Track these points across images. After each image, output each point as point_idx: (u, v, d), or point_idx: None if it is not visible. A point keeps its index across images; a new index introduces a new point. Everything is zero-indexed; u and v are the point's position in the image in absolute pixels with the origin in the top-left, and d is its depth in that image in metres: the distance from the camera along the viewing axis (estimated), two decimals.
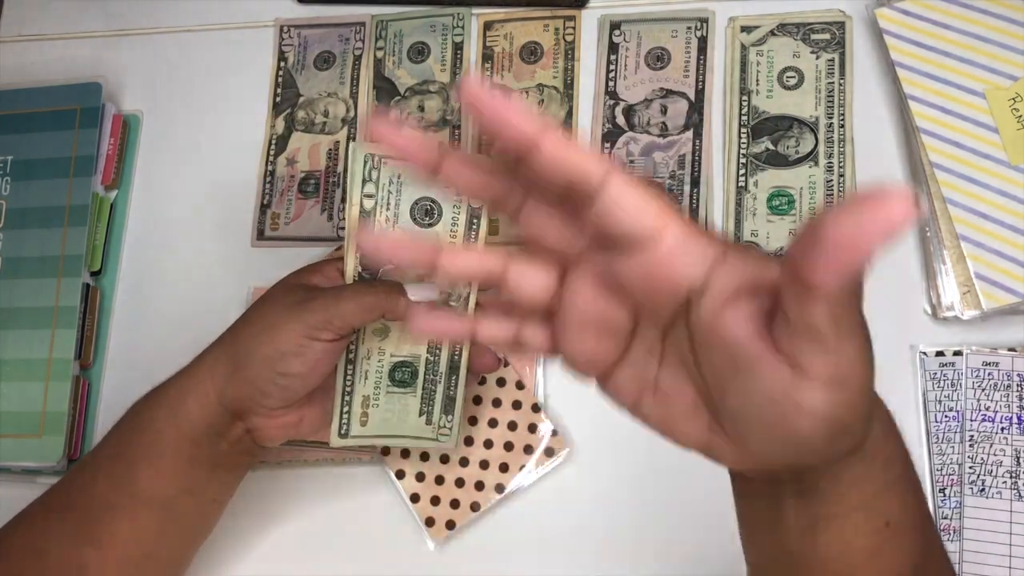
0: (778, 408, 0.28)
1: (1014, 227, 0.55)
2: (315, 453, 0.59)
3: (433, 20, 0.68)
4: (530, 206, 0.33)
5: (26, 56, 0.73)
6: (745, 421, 0.30)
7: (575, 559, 0.56)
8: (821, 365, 0.27)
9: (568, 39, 0.66)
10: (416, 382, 0.52)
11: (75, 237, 0.64)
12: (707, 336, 0.30)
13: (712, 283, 0.29)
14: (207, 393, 0.48)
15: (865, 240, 0.24)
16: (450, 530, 0.57)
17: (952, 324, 0.56)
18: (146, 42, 0.72)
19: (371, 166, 0.49)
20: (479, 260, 0.34)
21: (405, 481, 0.58)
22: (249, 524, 0.59)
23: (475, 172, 0.33)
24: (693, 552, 0.55)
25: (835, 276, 0.25)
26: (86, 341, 0.64)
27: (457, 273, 0.34)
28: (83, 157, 0.66)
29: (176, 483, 0.48)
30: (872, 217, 0.23)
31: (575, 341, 0.33)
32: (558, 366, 0.60)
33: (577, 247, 0.32)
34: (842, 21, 0.62)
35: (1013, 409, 0.53)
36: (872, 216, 0.23)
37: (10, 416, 0.62)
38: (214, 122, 0.69)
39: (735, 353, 0.29)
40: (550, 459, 0.58)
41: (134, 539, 0.48)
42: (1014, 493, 0.52)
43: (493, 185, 0.33)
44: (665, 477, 0.57)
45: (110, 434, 0.50)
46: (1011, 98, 0.58)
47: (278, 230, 0.66)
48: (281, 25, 0.71)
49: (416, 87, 0.67)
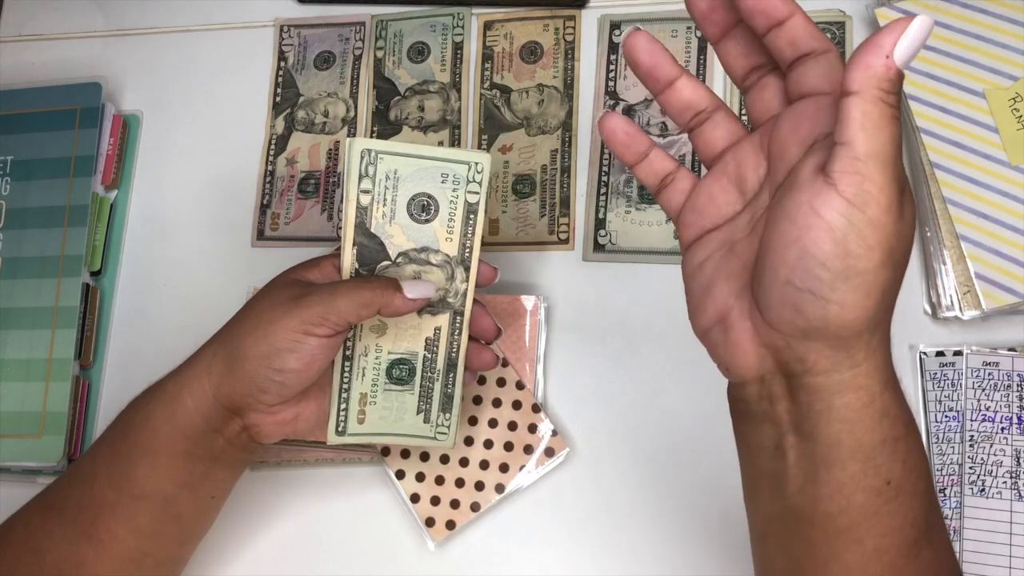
0: (800, 222, 0.33)
1: (1014, 227, 0.55)
2: (315, 453, 0.59)
3: (433, 20, 0.68)
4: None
5: (26, 56, 0.73)
6: (768, 255, 0.34)
7: (575, 559, 0.56)
8: (848, 177, 0.32)
9: (568, 39, 0.66)
10: (414, 380, 0.52)
11: (75, 237, 0.64)
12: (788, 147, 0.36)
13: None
14: (203, 390, 0.48)
15: (880, 44, 0.31)
16: (450, 530, 0.57)
17: (952, 324, 0.56)
18: (146, 42, 0.72)
19: (367, 161, 0.49)
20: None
21: (405, 481, 0.58)
22: (249, 524, 0.59)
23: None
24: (693, 552, 0.55)
25: (861, 70, 0.31)
26: (86, 341, 0.64)
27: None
28: (83, 157, 0.66)
29: (173, 480, 0.48)
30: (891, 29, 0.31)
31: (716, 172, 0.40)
32: (558, 367, 0.60)
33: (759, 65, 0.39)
34: (842, 21, 0.62)
35: (1013, 409, 0.53)
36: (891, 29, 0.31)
37: (10, 416, 0.62)
38: (214, 122, 0.69)
39: (798, 173, 0.34)
40: (550, 459, 0.58)
41: (132, 536, 0.48)
42: (1014, 493, 0.52)
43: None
44: (665, 477, 0.57)
45: (107, 432, 0.50)
46: (1011, 98, 0.58)
47: (278, 230, 0.66)
48: (281, 25, 0.71)
49: (416, 87, 0.67)
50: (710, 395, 0.58)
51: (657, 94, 0.40)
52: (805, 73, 0.36)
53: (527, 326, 0.60)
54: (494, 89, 0.66)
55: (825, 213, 0.32)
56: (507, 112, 0.65)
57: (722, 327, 0.38)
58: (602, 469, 0.58)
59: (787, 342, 0.35)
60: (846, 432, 0.35)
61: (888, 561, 0.36)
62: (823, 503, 0.35)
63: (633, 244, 0.61)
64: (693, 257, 0.40)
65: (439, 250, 0.50)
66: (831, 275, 0.32)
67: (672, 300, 0.60)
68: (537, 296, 0.60)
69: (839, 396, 0.35)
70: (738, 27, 0.38)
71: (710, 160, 0.41)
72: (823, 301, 0.33)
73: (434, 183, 0.49)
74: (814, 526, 0.36)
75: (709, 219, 0.40)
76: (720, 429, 0.57)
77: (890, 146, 0.32)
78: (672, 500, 0.56)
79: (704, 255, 0.39)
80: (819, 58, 0.36)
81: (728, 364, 0.38)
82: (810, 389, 0.35)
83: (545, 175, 0.63)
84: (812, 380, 0.35)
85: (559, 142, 0.64)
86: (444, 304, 0.51)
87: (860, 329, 0.34)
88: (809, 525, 0.36)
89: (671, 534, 0.56)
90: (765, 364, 0.37)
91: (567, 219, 0.62)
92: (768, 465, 0.37)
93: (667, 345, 0.59)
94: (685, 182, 0.41)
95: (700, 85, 0.40)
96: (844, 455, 0.35)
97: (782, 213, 0.34)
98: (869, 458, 0.35)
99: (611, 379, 0.59)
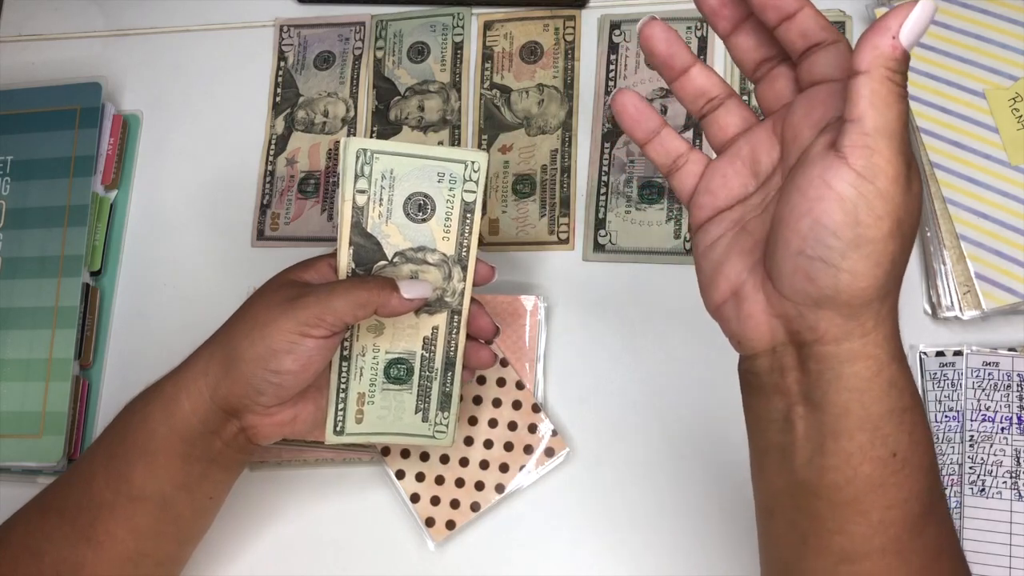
0: (812, 194, 0.34)
1: (1014, 227, 0.55)
2: (315, 453, 0.59)
3: (433, 20, 0.68)
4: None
5: (26, 56, 0.73)
6: (781, 228, 0.36)
7: (575, 559, 0.56)
8: (858, 151, 0.33)
9: (568, 39, 0.66)
10: (412, 379, 0.52)
11: (75, 237, 0.64)
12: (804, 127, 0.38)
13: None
14: (200, 392, 0.48)
15: (886, 26, 0.33)
16: (450, 530, 0.57)
17: (952, 324, 0.56)
18: (146, 42, 0.72)
19: (363, 161, 0.49)
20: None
21: (405, 481, 0.58)
22: (249, 524, 0.59)
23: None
24: (693, 551, 0.55)
25: (869, 51, 0.33)
26: (86, 341, 0.64)
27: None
28: (83, 157, 0.66)
29: (171, 481, 0.48)
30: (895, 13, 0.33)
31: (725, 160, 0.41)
32: (558, 367, 0.60)
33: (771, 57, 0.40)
34: (842, 21, 0.62)
35: (1013, 409, 0.53)
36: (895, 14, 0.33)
37: (10, 416, 0.62)
38: (214, 122, 0.69)
39: (810, 150, 0.36)
40: (550, 459, 0.58)
41: (130, 537, 0.48)
42: (1014, 493, 0.52)
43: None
44: (664, 477, 0.57)
45: (105, 433, 0.50)
46: (1011, 98, 0.57)
47: (278, 230, 0.66)
48: (281, 25, 0.71)
49: (416, 87, 0.67)
50: (710, 395, 0.58)
51: (671, 81, 0.42)
52: (816, 62, 0.37)
53: (527, 326, 0.60)
54: (494, 89, 0.66)
55: (836, 184, 0.33)
56: (507, 112, 0.65)
57: (735, 301, 0.39)
58: (602, 469, 0.58)
59: (799, 311, 0.36)
60: (854, 401, 0.36)
61: (893, 535, 0.36)
62: (830, 474, 0.36)
63: (633, 244, 0.61)
64: (705, 236, 0.41)
65: (436, 249, 0.50)
66: (842, 244, 0.34)
67: (672, 300, 0.60)
68: (537, 296, 0.60)
69: (849, 365, 0.36)
70: (747, 21, 0.40)
71: (721, 145, 0.42)
72: (834, 269, 0.34)
73: (430, 182, 0.49)
74: (820, 498, 0.37)
75: (722, 199, 0.41)
76: (720, 429, 0.57)
77: (897, 122, 0.33)
78: (672, 500, 0.56)
79: (716, 234, 0.40)
80: (829, 48, 0.37)
81: (741, 337, 0.39)
82: (820, 358, 0.36)
83: (545, 175, 0.63)
84: (822, 349, 0.36)
85: (559, 142, 0.64)
86: (441, 303, 0.51)
87: (870, 298, 0.35)
88: (815, 497, 0.37)
89: (671, 534, 0.56)
90: (777, 335, 0.38)
91: (567, 219, 0.62)
92: (777, 438, 0.38)
93: (667, 345, 0.59)
94: (698, 164, 0.42)
95: (713, 73, 0.42)
96: (852, 425, 0.36)
97: (794, 187, 0.35)
98: (876, 428, 0.36)
99: (611, 379, 0.59)
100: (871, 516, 0.36)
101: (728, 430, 0.57)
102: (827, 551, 0.37)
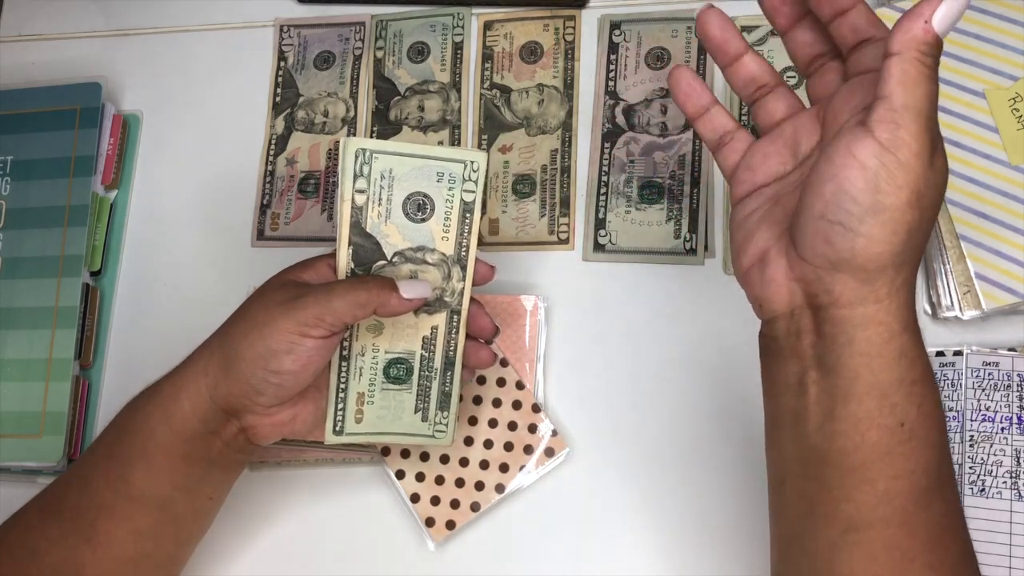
0: (838, 161, 0.36)
1: (1014, 227, 0.55)
2: (315, 453, 0.59)
3: (433, 20, 0.68)
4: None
5: (26, 56, 0.73)
6: (807, 194, 0.38)
7: (575, 559, 0.56)
8: (884, 125, 0.35)
9: (568, 39, 0.66)
10: (411, 379, 0.52)
11: (75, 237, 0.64)
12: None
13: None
14: (200, 392, 0.48)
15: (919, 12, 0.35)
16: (450, 530, 0.57)
17: (952, 324, 0.56)
18: (146, 42, 0.72)
19: (362, 161, 0.49)
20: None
21: (405, 481, 0.58)
22: (249, 524, 0.59)
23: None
24: (693, 551, 0.55)
25: (901, 33, 0.35)
26: (86, 341, 0.64)
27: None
28: (83, 157, 0.66)
29: (171, 482, 0.48)
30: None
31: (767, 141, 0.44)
32: (558, 367, 0.60)
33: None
34: None
35: (1013, 409, 0.53)
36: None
37: (10, 416, 0.62)
38: (214, 122, 0.69)
39: (843, 127, 0.38)
40: (550, 459, 0.58)
41: (130, 538, 0.48)
42: (1014, 493, 0.52)
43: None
44: (664, 476, 0.57)
45: (104, 434, 0.50)
46: (1011, 98, 0.57)
47: (278, 230, 0.66)
48: (281, 25, 0.71)
49: (416, 87, 0.67)
50: (710, 395, 0.58)
51: (724, 67, 0.45)
52: (863, 55, 0.40)
53: (527, 326, 0.60)
54: (494, 89, 0.66)
55: (859, 153, 0.35)
56: (507, 112, 0.65)
57: (760, 266, 0.41)
58: (602, 469, 0.58)
59: (817, 274, 0.38)
60: (864, 366, 0.37)
61: (899, 505, 0.37)
62: (839, 439, 0.38)
63: (633, 244, 0.61)
64: (743, 209, 0.43)
65: (435, 249, 0.50)
66: (860, 209, 0.36)
67: (672, 300, 0.60)
68: (537, 296, 0.60)
69: (861, 329, 0.37)
70: (804, 19, 0.43)
71: (767, 129, 0.44)
72: (852, 233, 0.36)
73: (430, 182, 0.49)
74: (828, 464, 0.38)
75: (761, 176, 0.43)
76: (720, 429, 0.57)
77: (925, 101, 0.35)
78: (672, 500, 0.56)
79: (752, 207, 0.43)
80: (877, 43, 0.39)
81: (762, 300, 0.41)
82: (835, 321, 0.38)
83: (545, 175, 0.63)
84: (837, 312, 0.38)
85: (559, 142, 0.64)
86: (441, 303, 0.51)
87: (884, 263, 0.36)
88: (824, 464, 0.38)
89: (671, 534, 0.56)
90: (795, 298, 0.39)
91: (567, 219, 0.62)
92: (791, 403, 0.40)
93: (667, 345, 0.59)
94: (742, 142, 0.45)
95: (764, 61, 0.44)
96: (861, 390, 0.37)
97: (824, 157, 0.37)
98: (885, 395, 0.37)
99: (611, 379, 0.59)
100: (877, 485, 0.37)
101: (728, 430, 0.57)
102: (834, 519, 0.38)
